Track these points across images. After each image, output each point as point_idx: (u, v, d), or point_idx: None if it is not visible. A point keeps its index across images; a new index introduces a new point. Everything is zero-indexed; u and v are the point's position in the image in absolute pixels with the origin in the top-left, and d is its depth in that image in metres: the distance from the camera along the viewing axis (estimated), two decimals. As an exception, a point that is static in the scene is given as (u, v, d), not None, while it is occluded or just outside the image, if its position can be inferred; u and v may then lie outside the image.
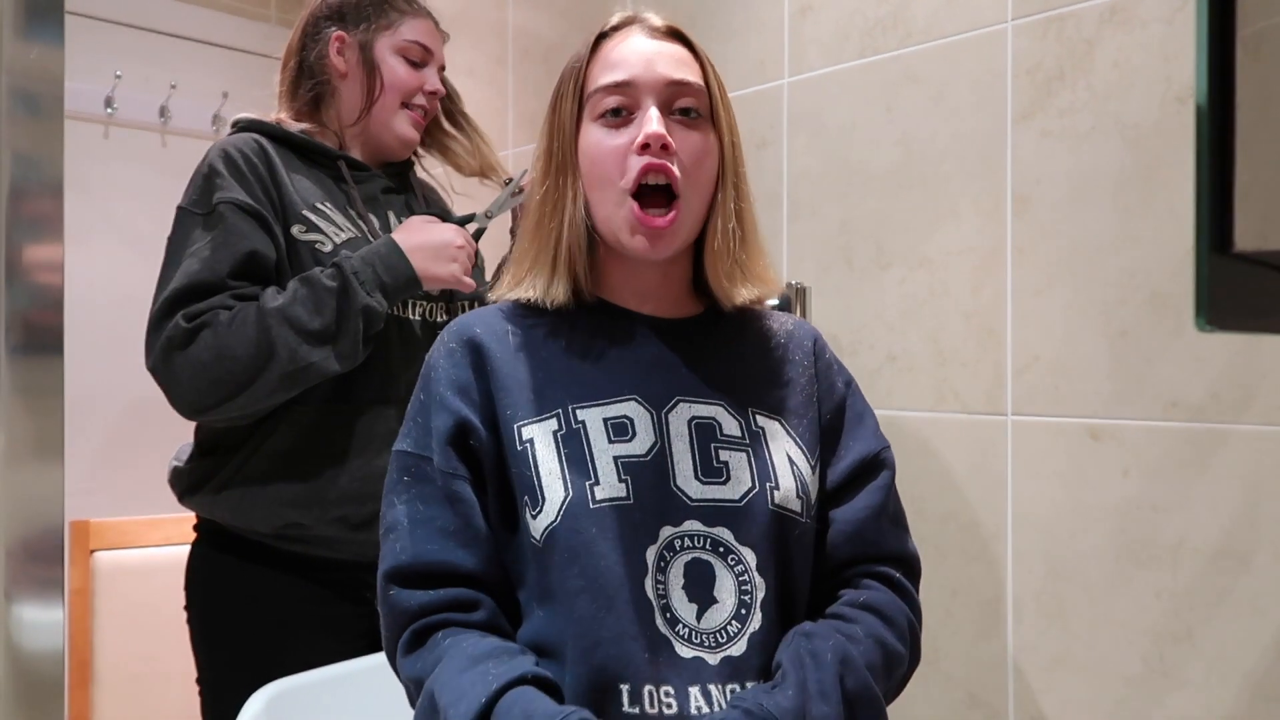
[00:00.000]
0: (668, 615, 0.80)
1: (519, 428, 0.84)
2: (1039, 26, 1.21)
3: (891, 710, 0.84)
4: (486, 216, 1.37)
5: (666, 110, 0.86)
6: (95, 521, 1.99)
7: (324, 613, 1.26)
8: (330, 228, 1.27)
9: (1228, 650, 1.06)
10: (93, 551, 1.96)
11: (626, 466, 0.82)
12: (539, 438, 0.83)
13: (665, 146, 0.83)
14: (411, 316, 1.32)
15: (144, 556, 2.04)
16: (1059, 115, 1.19)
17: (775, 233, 1.49)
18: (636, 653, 0.78)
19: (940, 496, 1.30)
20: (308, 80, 1.35)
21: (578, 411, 0.84)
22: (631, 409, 0.85)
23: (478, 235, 1.37)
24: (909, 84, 1.34)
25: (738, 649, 0.80)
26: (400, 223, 1.36)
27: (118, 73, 2.34)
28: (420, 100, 1.37)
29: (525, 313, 0.90)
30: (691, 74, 0.87)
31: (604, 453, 0.82)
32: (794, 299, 1.43)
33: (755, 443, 0.86)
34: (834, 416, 0.92)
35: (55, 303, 0.79)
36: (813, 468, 0.88)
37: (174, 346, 1.15)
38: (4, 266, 0.75)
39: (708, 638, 0.80)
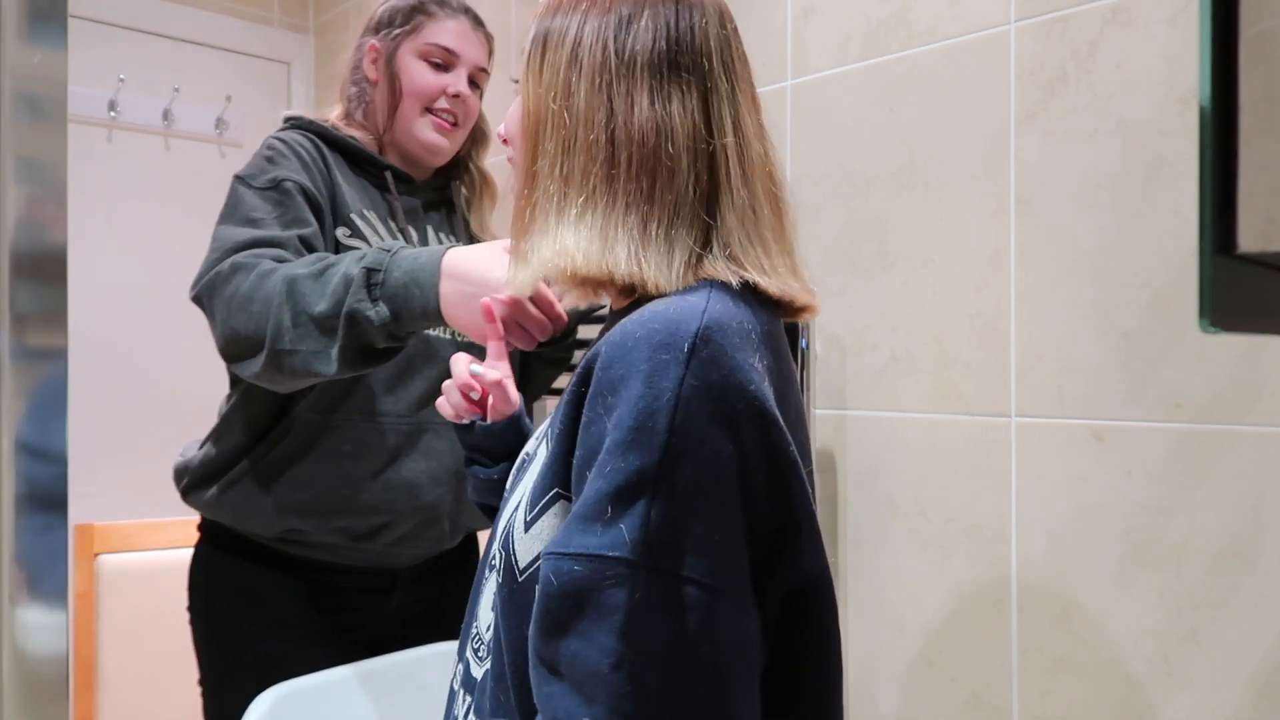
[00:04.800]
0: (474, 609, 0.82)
1: None
2: (1041, 28, 1.21)
3: (897, 712, 0.84)
4: None
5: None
6: (99, 525, 1.99)
7: (325, 616, 1.26)
8: (373, 237, 1.26)
9: (1232, 651, 1.05)
10: (97, 555, 1.96)
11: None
12: None
13: None
14: (440, 334, 1.28)
15: (148, 560, 2.04)
16: (1062, 116, 1.19)
17: (778, 234, 1.49)
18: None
19: (944, 498, 1.30)
20: (353, 90, 1.35)
21: None
22: None
23: None
24: (912, 85, 1.34)
25: (479, 672, 0.77)
26: (439, 241, 1.33)
27: (121, 76, 2.34)
28: (443, 104, 1.32)
29: None
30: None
31: None
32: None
33: (520, 471, 0.80)
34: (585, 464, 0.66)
35: (59, 306, 0.79)
36: (527, 522, 0.70)
37: (219, 280, 1.09)
38: (7, 270, 0.76)
39: (479, 645, 0.78)
